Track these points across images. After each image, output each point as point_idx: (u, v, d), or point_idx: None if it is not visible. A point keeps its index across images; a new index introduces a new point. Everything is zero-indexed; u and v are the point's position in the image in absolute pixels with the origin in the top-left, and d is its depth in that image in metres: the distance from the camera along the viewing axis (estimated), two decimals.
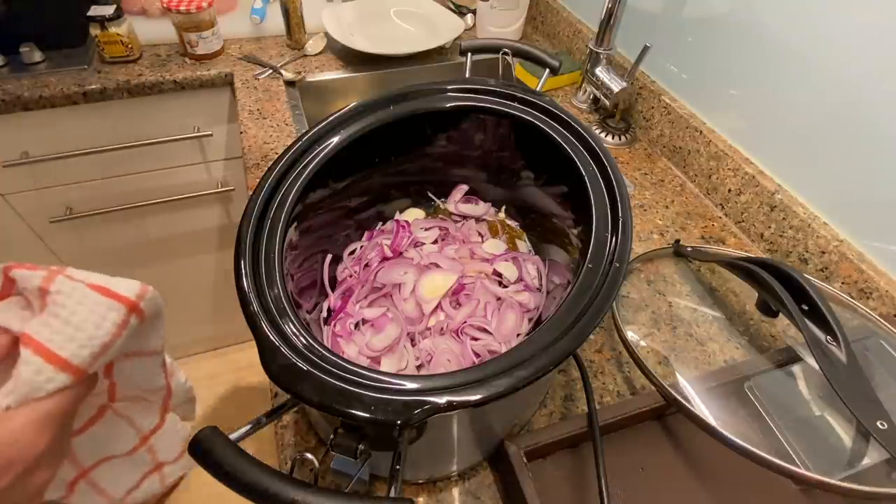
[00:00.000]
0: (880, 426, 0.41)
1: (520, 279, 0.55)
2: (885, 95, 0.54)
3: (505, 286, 0.55)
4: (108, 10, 0.89)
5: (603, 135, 0.89)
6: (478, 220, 0.62)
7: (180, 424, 0.40)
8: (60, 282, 0.27)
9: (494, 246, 0.57)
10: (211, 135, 1.04)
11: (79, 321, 0.27)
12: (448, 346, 0.48)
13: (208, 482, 0.29)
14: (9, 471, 0.24)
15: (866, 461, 0.42)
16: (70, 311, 0.27)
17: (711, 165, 0.76)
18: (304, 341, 0.34)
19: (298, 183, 0.44)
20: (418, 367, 0.48)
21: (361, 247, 0.58)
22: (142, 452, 0.38)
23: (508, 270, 0.55)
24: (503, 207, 0.63)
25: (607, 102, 0.86)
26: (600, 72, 0.85)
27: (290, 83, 0.96)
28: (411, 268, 0.54)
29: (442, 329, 0.50)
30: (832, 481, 0.39)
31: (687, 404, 0.45)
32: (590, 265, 0.38)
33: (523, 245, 0.59)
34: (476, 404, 0.31)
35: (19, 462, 0.24)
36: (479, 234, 0.60)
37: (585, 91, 0.95)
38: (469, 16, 1.17)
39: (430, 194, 0.63)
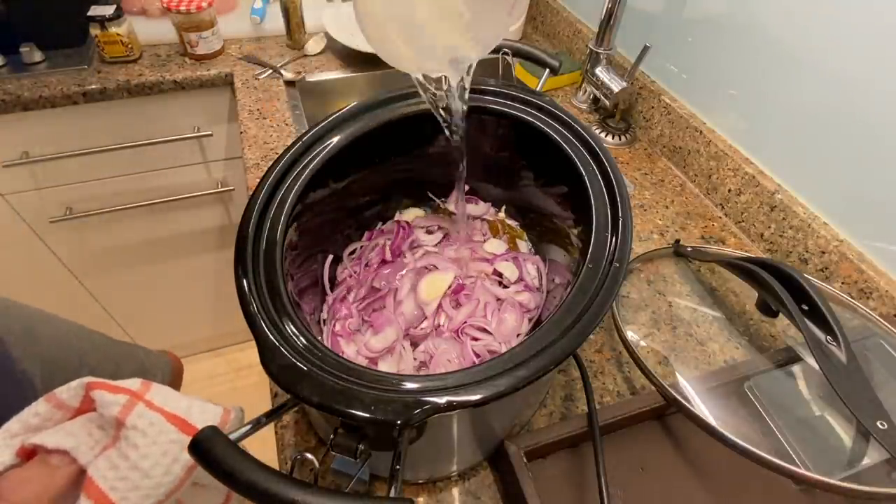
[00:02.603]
0: (880, 426, 0.41)
1: (520, 279, 0.55)
2: (885, 95, 0.54)
3: (505, 286, 0.55)
4: (108, 10, 0.89)
5: (603, 135, 0.89)
6: (477, 219, 0.62)
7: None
8: (138, 414, 0.26)
9: (495, 246, 0.57)
10: (211, 135, 1.04)
11: (148, 467, 0.25)
12: (448, 347, 0.48)
13: None
14: None
15: (866, 461, 0.42)
16: (141, 455, 0.25)
17: (711, 165, 0.76)
18: (304, 341, 0.34)
19: (298, 183, 0.44)
20: (418, 368, 0.48)
21: (361, 247, 0.58)
22: None
23: (509, 270, 0.55)
24: (503, 207, 0.63)
25: (607, 102, 0.86)
26: (600, 72, 0.85)
27: (290, 83, 0.96)
28: (411, 269, 0.54)
29: (442, 329, 0.50)
30: (832, 481, 0.39)
31: (687, 404, 0.45)
32: (590, 265, 0.38)
33: (523, 245, 0.59)
34: (476, 404, 0.31)
35: None
36: (481, 234, 0.60)
37: (585, 91, 0.95)
38: None
39: (430, 194, 0.63)
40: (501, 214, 0.62)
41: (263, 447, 0.40)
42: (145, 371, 0.65)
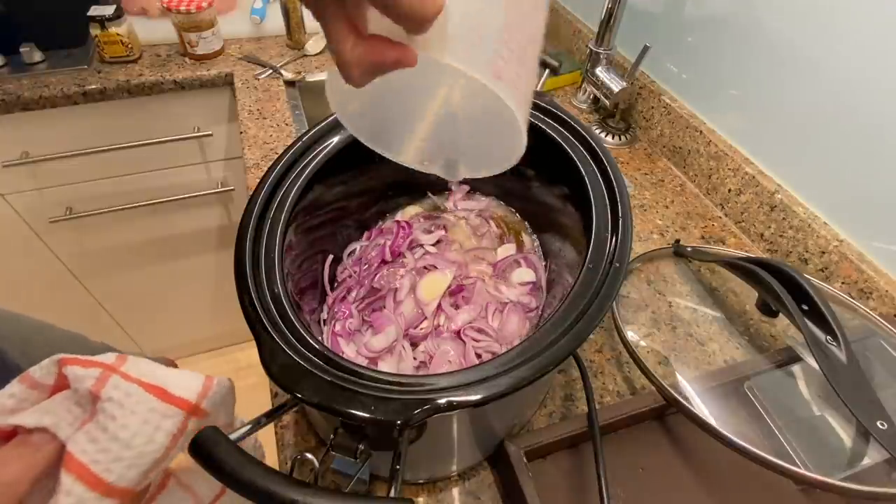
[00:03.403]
0: (880, 426, 0.41)
1: (522, 280, 0.55)
2: (885, 95, 0.54)
3: (508, 287, 0.54)
4: (108, 10, 0.89)
5: (603, 135, 0.89)
6: (478, 214, 0.61)
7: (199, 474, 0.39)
8: (113, 385, 0.25)
9: (504, 249, 0.57)
10: (211, 135, 1.04)
11: (128, 437, 0.25)
12: (449, 347, 0.48)
13: None
14: None
15: (866, 461, 0.42)
16: (120, 425, 0.25)
17: (711, 165, 0.76)
18: (304, 341, 0.34)
19: (298, 183, 0.44)
20: (418, 368, 0.48)
21: (361, 247, 0.58)
22: None
23: (510, 271, 0.55)
24: (503, 206, 0.63)
25: (607, 102, 0.86)
26: (600, 72, 0.85)
27: (290, 83, 0.96)
28: (410, 269, 0.54)
29: (441, 329, 0.50)
30: (832, 481, 0.39)
31: (687, 404, 0.45)
32: (590, 265, 0.38)
33: (528, 239, 0.59)
34: (476, 404, 0.31)
35: None
36: (480, 234, 0.60)
37: (585, 91, 0.95)
38: None
39: (430, 194, 0.63)
40: (502, 209, 0.62)
41: (263, 447, 0.40)
42: None
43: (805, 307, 0.48)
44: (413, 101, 0.31)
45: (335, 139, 0.47)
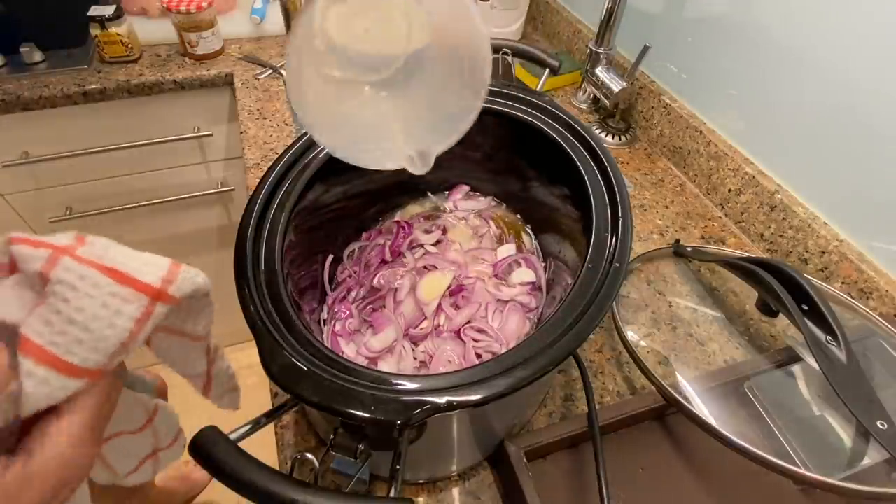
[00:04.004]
0: (880, 426, 0.41)
1: (522, 280, 0.55)
2: (885, 95, 0.54)
3: (508, 287, 0.54)
4: (108, 10, 0.89)
5: (603, 135, 0.89)
6: (478, 214, 0.61)
7: (172, 409, 0.38)
8: (64, 268, 0.23)
9: (506, 250, 0.57)
10: (211, 135, 1.04)
11: (85, 320, 0.23)
12: (449, 348, 0.48)
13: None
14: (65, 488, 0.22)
15: (866, 461, 0.42)
16: (74, 308, 0.22)
17: (711, 165, 0.76)
18: (304, 341, 0.34)
19: (298, 183, 0.44)
20: (418, 368, 0.48)
21: (361, 247, 0.58)
22: (147, 433, 0.36)
23: (510, 271, 0.55)
24: (503, 206, 0.63)
25: (607, 102, 0.86)
26: (600, 72, 0.85)
27: None
28: (410, 269, 0.54)
29: (441, 329, 0.50)
30: (832, 481, 0.39)
31: (687, 404, 0.45)
32: (590, 265, 0.38)
33: (528, 239, 0.59)
34: (476, 404, 0.31)
35: (76, 479, 0.23)
36: (480, 234, 0.60)
37: (585, 91, 0.95)
38: None
39: (430, 194, 0.63)
40: (502, 210, 0.62)
41: (263, 447, 0.40)
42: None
43: (805, 307, 0.48)
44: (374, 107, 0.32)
45: None
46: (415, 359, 0.48)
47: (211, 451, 0.27)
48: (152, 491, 1.11)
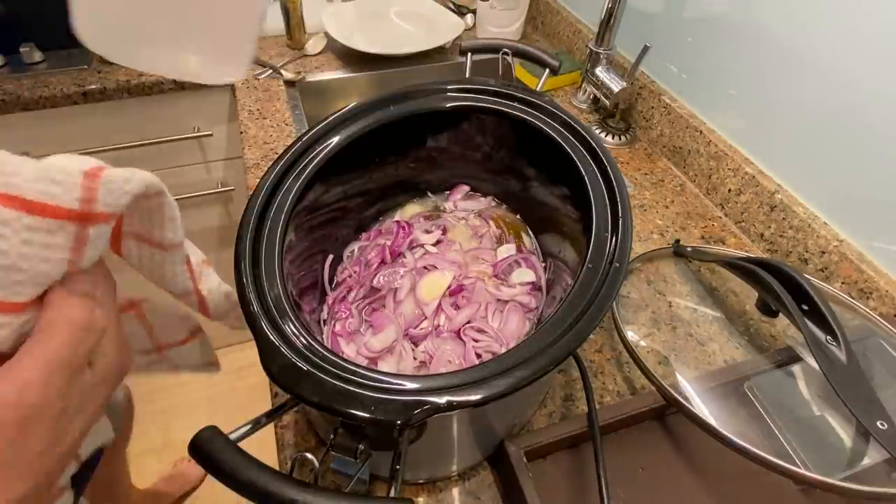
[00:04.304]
0: (880, 426, 0.41)
1: (522, 280, 0.55)
2: (885, 95, 0.54)
3: (508, 287, 0.54)
4: None
5: (603, 135, 0.89)
6: (478, 214, 0.61)
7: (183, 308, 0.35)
8: None
9: (506, 250, 0.57)
10: (211, 135, 1.04)
11: (12, 262, 0.20)
12: (449, 348, 0.48)
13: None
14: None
15: (866, 461, 0.42)
16: None
17: (711, 165, 0.76)
18: (304, 341, 0.34)
19: (298, 183, 0.44)
20: (418, 368, 0.48)
21: (361, 247, 0.58)
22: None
23: (510, 271, 0.55)
24: (503, 206, 0.63)
25: (607, 102, 0.86)
26: (600, 72, 0.85)
27: (290, 83, 0.96)
28: (410, 269, 0.54)
29: (442, 329, 0.50)
30: (832, 481, 0.39)
31: (687, 404, 0.45)
32: (590, 265, 0.38)
33: (528, 239, 0.59)
34: (476, 404, 0.31)
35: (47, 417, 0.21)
36: (480, 234, 0.60)
37: (585, 91, 0.95)
38: (469, 16, 1.17)
39: (430, 194, 0.63)
40: (502, 210, 0.62)
41: (263, 447, 0.40)
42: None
43: (805, 307, 0.48)
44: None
45: (335, 139, 0.47)
46: (415, 359, 0.48)
47: (210, 450, 0.27)
48: (134, 494, 1.10)
